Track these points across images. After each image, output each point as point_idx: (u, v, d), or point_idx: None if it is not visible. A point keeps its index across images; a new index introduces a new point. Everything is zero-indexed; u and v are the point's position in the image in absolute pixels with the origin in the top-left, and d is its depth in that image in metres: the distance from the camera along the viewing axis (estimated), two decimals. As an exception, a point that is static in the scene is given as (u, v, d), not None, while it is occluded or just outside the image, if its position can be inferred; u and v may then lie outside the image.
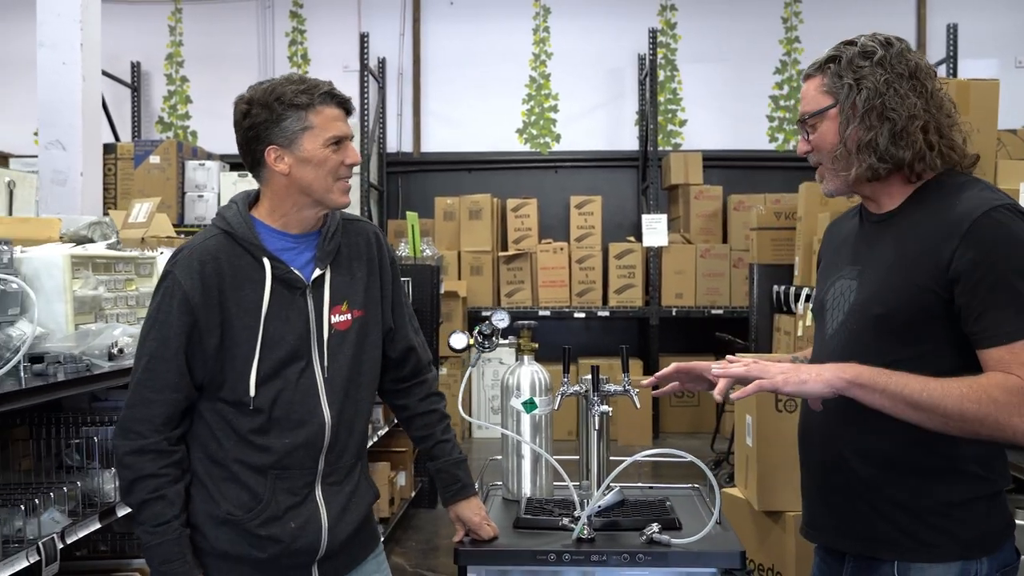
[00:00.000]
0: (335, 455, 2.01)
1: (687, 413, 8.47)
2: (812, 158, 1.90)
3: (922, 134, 1.77)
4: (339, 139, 1.96)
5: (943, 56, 8.36)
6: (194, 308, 1.90)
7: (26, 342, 2.08)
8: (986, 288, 1.65)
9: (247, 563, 1.95)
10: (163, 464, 1.90)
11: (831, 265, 1.98)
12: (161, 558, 1.88)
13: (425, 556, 5.31)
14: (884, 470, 1.78)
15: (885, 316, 1.75)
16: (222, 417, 1.94)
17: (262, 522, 1.93)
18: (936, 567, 1.73)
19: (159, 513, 1.88)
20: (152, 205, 3.98)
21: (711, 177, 8.81)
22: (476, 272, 8.67)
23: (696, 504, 2.54)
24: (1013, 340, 1.63)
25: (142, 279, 2.90)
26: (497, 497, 2.60)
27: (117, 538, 2.79)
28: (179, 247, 2.01)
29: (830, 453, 1.86)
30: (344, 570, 2.09)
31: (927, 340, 1.72)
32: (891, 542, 1.77)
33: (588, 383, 2.46)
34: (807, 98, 1.88)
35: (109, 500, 2.34)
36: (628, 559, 2.13)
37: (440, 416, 2.26)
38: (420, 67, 9.41)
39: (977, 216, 1.68)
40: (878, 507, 1.78)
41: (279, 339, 1.94)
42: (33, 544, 1.97)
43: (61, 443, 2.40)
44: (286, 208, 1.99)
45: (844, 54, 1.82)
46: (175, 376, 1.90)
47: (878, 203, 1.88)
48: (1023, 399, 1.59)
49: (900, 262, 1.76)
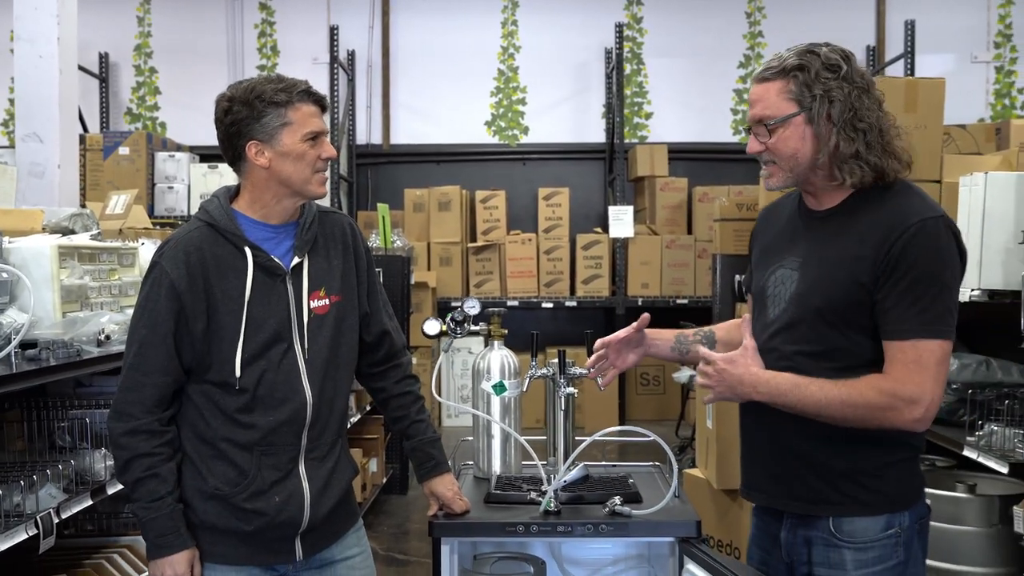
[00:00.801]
0: (317, 432, 2.14)
1: (652, 401, 8.65)
2: (765, 156, 2.01)
3: (888, 144, 1.93)
4: (316, 134, 2.08)
5: (901, 52, 8.58)
6: (181, 295, 2.01)
7: (23, 329, 2.18)
8: (901, 288, 1.86)
9: (234, 535, 2.07)
10: (156, 444, 2.01)
11: (770, 252, 2.13)
12: (157, 532, 2.00)
13: (396, 540, 5.44)
14: (821, 440, 1.97)
15: (823, 308, 1.94)
16: (209, 398, 2.06)
17: (248, 496, 2.05)
18: (866, 520, 1.95)
19: (153, 490, 2.00)
20: (129, 197, 4.06)
21: (676, 169, 8.96)
22: (445, 263, 8.78)
23: (657, 480, 2.69)
24: (906, 338, 1.86)
25: (124, 269, 3.00)
26: (469, 476, 2.72)
27: (103, 517, 2.89)
28: (165, 239, 2.13)
29: (772, 424, 2.04)
30: (325, 543, 2.21)
31: (856, 330, 1.92)
32: (827, 501, 1.97)
33: (555, 367, 2.60)
34: (766, 101, 1.97)
35: (100, 479, 2.45)
36: (592, 530, 2.27)
37: (415, 398, 2.38)
38: (389, 60, 9.49)
39: (913, 223, 1.87)
40: (816, 471, 1.98)
41: (261, 323, 2.06)
42: (31, 518, 2.08)
43: (53, 425, 2.51)
44: (266, 199, 2.11)
45: (811, 65, 1.93)
46: (165, 360, 2.01)
47: (819, 200, 2.03)
48: (894, 400, 1.85)
49: (840, 259, 1.94)
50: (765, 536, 2.16)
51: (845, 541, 1.96)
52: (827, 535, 1.97)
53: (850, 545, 1.95)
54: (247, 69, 9.46)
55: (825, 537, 1.98)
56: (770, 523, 2.12)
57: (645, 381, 8.75)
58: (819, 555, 1.98)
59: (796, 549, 2.04)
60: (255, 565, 2.11)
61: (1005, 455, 2.87)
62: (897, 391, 1.85)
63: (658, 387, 8.70)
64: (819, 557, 1.98)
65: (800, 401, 1.91)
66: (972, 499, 3.06)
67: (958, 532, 3.05)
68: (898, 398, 1.85)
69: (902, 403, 1.85)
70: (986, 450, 2.96)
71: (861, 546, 1.95)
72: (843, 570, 1.96)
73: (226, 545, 2.08)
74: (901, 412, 1.86)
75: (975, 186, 3.01)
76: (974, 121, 8.51)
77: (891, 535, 1.94)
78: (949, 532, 3.05)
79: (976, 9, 9.36)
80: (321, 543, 2.19)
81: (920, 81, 3.46)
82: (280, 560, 2.14)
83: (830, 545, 1.97)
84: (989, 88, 9.43)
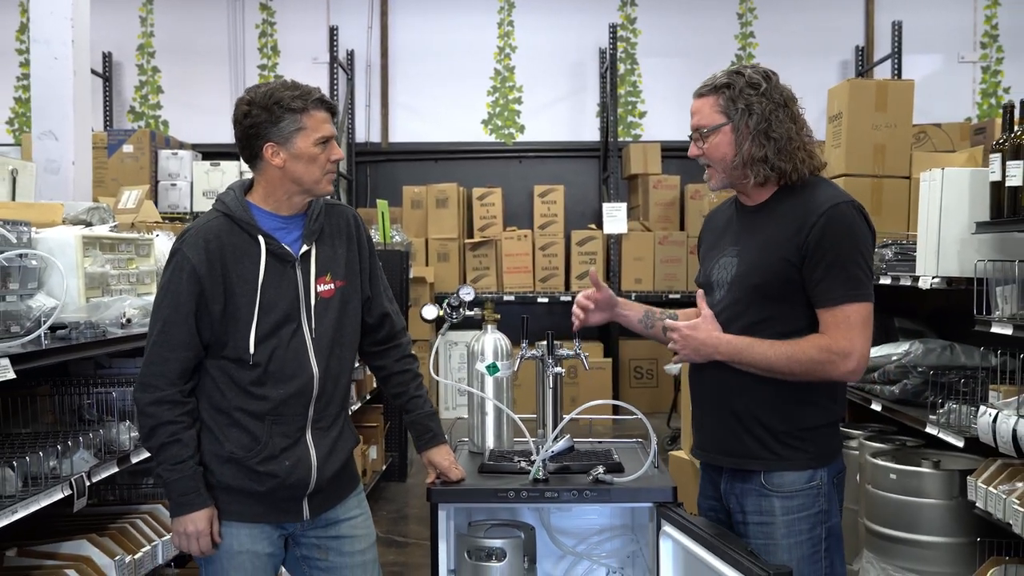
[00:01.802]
0: (323, 404, 2.35)
1: (646, 393, 8.84)
2: (702, 160, 2.36)
3: (797, 151, 2.27)
4: (327, 139, 2.30)
5: (889, 52, 8.77)
6: (201, 279, 2.22)
7: (55, 311, 2.38)
8: (825, 264, 2.18)
9: (249, 495, 2.29)
10: (178, 413, 2.23)
11: (714, 247, 2.45)
12: (179, 491, 2.23)
13: (395, 523, 5.64)
14: (758, 403, 2.28)
15: (760, 285, 2.27)
16: (225, 372, 2.27)
17: (260, 460, 2.26)
18: (791, 474, 2.27)
19: (176, 454, 2.22)
20: (141, 192, 4.25)
21: (669, 167, 9.13)
22: (443, 259, 8.96)
23: (639, 454, 2.89)
24: (836, 304, 2.18)
25: (141, 259, 3.19)
26: (464, 451, 2.93)
27: (124, 488, 3.10)
28: (184, 228, 2.34)
29: (716, 390, 2.35)
30: (329, 504, 2.42)
31: (788, 302, 2.25)
32: (759, 457, 2.29)
33: (544, 348, 2.80)
34: (702, 113, 2.33)
35: (125, 448, 2.66)
36: (577, 495, 2.48)
37: (413, 375, 2.59)
38: (388, 59, 9.67)
39: (826, 208, 2.20)
40: (751, 431, 2.29)
41: (273, 305, 2.27)
42: (66, 479, 2.28)
43: (80, 400, 2.71)
44: (279, 195, 2.32)
45: (736, 83, 2.28)
46: (186, 337, 2.23)
47: (750, 197, 2.37)
48: (831, 355, 2.17)
49: (770, 243, 2.27)
50: (710, 487, 2.46)
51: (774, 492, 2.27)
52: (759, 487, 2.29)
53: (778, 494, 2.26)
54: (248, 68, 9.64)
55: (757, 489, 2.29)
56: (713, 477, 2.43)
57: (639, 374, 8.95)
58: (752, 504, 2.30)
59: (734, 499, 2.35)
60: (267, 523, 2.33)
61: (962, 431, 3.07)
62: (832, 347, 2.17)
63: (651, 380, 8.90)
64: (752, 506, 2.30)
65: (753, 358, 2.22)
66: (935, 473, 3.27)
67: (922, 504, 3.25)
68: (833, 352, 2.16)
69: (837, 357, 2.17)
70: (945, 427, 3.16)
71: (788, 495, 2.26)
72: (772, 515, 2.27)
73: (241, 504, 2.29)
74: (837, 365, 2.17)
75: (934, 181, 3.22)
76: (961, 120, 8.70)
77: (812, 487, 2.26)
78: (913, 504, 3.26)
79: (963, 10, 9.54)
80: (326, 504, 2.41)
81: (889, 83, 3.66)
82: (289, 519, 2.36)
83: (762, 495, 2.28)
84: (976, 88, 9.61)
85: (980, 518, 3.03)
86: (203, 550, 2.25)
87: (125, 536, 2.71)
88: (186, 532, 2.24)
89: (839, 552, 2.32)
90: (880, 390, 3.73)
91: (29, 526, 2.62)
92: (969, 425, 3.07)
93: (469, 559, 2.56)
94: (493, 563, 2.54)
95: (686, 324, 2.31)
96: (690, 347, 2.30)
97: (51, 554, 2.56)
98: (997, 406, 2.90)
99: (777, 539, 2.26)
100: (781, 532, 2.26)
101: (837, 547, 2.31)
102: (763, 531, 2.28)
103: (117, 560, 2.57)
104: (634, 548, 2.89)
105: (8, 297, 2.49)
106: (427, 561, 2.54)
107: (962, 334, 3.59)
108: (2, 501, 2.13)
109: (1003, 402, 2.91)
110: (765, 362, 2.21)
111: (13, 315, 2.45)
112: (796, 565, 2.22)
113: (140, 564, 2.68)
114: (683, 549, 2.34)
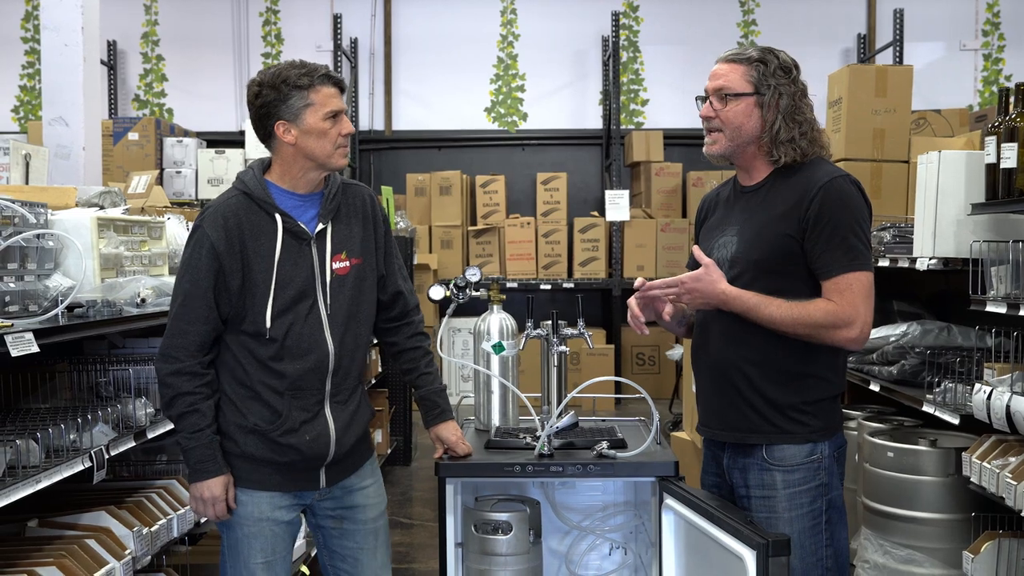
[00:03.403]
0: (340, 378, 2.42)
1: (648, 379, 8.89)
2: (714, 124, 2.39)
3: (818, 136, 2.37)
4: (335, 113, 2.36)
5: (890, 39, 8.80)
6: (220, 255, 2.30)
7: (73, 291, 2.45)
8: (825, 236, 2.25)
9: (269, 465, 2.37)
10: (197, 384, 2.31)
11: (713, 228, 2.50)
12: (197, 458, 2.31)
13: (401, 506, 5.72)
14: (761, 377, 2.33)
15: (761, 260, 2.33)
16: (245, 347, 2.34)
17: (282, 433, 2.35)
18: (793, 447, 2.33)
19: (195, 423, 2.30)
20: (150, 177, 4.31)
21: (671, 154, 9.17)
22: (446, 246, 9.02)
23: (641, 431, 2.96)
24: (838, 273, 2.25)
25: (154, 241, 3.26)
26: (471, 428, 3.00)
27: (139, 464, 3.18)
28: (205, 206, 2.41)
29: (720, 364, 2.39)
30: (345, 474, 2.51)
31: (790, 276, 2.31)
32: (761, 431, 2.34)
33: (548, 328, 2.86)
34: (729, 78, 2.36)
35: (141, 424, 2.73)
36: (581, 470, 2.55)
37: (424, 352, 2.66)
38: (391, 47, 9.71)
39: (824, 183, 2.29)
40: (754, 405, 2.34)
41: (289, 281, 2.34)
42: (86, 452, 2.36)
43: (96, 377, 2.79)
44: (294, 172, 2.38)
45: (770, 62, 2.35)
46: (206, 310, 2.30)
47: (750, 175, 2.44)
48: (836, 318, 2.24)
49: (770, 219, 2.33)
50: (713, 463, 2.52)
51: (776, 465, 2.32)
52: (761, 461, 2.34)
53: (780, 468, 2.32)
54: (252, 57, 9.68)
55: (759, 463, 2.35)
56: (716, 453, 2.49)
57: (641, 360, 9.02)
58: (754, 478, 2.36)
59: (736, 474, 2.40)
60: (284, 491, 2.40)
61: (957, 408, 3.14)
62: (837, 313, 2.23)
63: (653, 366, 8.97)
64: (754, 480, 2.36)
65: (760, 316, 2.27)
66: (931, 451, 3.33)
67: (919, 481, 3.32)
68: (838, 318, 2.23)
69: (841, 323, 2.23)
70: (941, 405, 3.23)
71: (789, 469, 2.31)
72: (774, 489, 2.33)
73: (262, 473, 2.37)
74: (840, 331, 2.24)
75: (930, 163, 3.27)
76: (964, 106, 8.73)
77: (813, 460, 2.32)
78: (911, 482, 3.33)
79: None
80: (342, 474, 2.49)
81: (889, 68, 3.71)
82: (307, 487, 2.44)
83: (764, 469, 2.34)
84: (977, 75, 9.63)
85: (975, 494, 3.09)
86: (218, 515, 2.34)
87: (142, 509, 2.78)
88: (202, 497, 2.32)
89: (842, 524, 2.37)
90: (878, 371, 3.80)
91: (49, 498, 2.70)
92: (965, 403, 3.13)
93: (476, 532, 2.63)
94: (499, 536, 2.61)
95: (688, 275, 2.34)
96: (697, 294, 2.32)
97: (71, 524, 2.63)
98: (992, 383, 2.96)
99: (779, 512, 2.31)
100: (783, 505, 2.31)
101: (839, 519, 2.36)
102: (765, 504, 2.33)
103: (135, 531, 2.64)
104: (637, 524, 2.96)
105: (26, 277, 2.55)
106: (433, 542, 2.62)
107: (959, 315, 3.65)
108: (27, 472, 2.20)
109: (997, 379, 2.98)
110: (769, 320, 2.27)
111: (31, 294, 2.51)
112: (797, 537, 2.28)
113: (156, 536, 2.75)
114: (684, 522, 2.41)
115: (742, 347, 2.34)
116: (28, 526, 2.62)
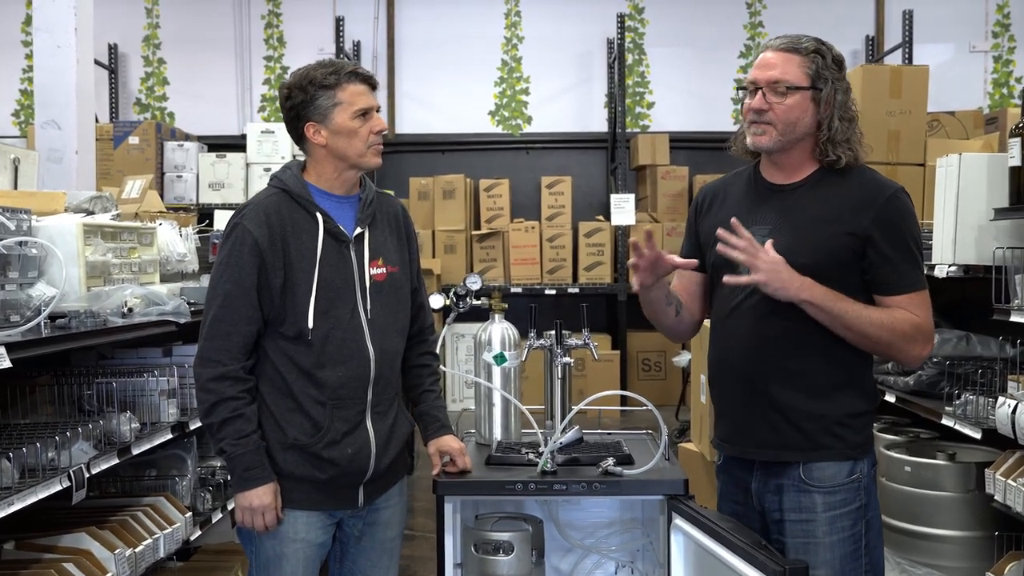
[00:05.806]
0: (381, 387, 2.35)
1: (655, 386, 8.78)
2: (766, 117, 2.19)
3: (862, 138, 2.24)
4: (365, 111, 2.29)
5: (899, 41, 8.68)
6: (263, 252, 2.22)
7: (53, 300, 2.34)
8: (903, 248, 2.11)
9: (310, 483, 2.28)
10: (240, 389, 2.22)
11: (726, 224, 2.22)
12: (244, 466, 2.22)
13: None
14: (796, 389, 2.15)
15: (809, 265, 2.12)
16: (285, 354, 2.26)
17: (324, 446, 2.26)
18: (832, 466, 2.15)
19: (240, 428, 2.21)
20: (144, 182, 4.21)
21: (677, 158, 9.06)
22: (450, 250, 8.92)
23: (648, 446, 2.84)
24: (911, 290, 2.14)
25: (144, 248, 3.15)
26: (471, 442, 2.88)
27: (126, 481, 3.07)
28: (243, 204, 2.33)
29: (750, 376, 2.21)
30: (383, 491, 2.43)
31: (839, 283, 2.12)
32: (797, 448, 2.15)
33: (552, 338, 2.75)
34: (786, 69, 2.17)
35: (126, 440, 2.62)
36: (586, 488, 2.43)
37: (431, 371, 2.59)
38: (394, 50, 9.62)
39: (889, 194, 2.15)
40: (789, 419, 2.16)
41: (330, 282, 2.27)
42: (64, 471, 2.25)
43: (80, 391, 2.68)
44: (328, 173, 2.32)
45: (827, 54, 2.20)
46: (249, 310, 2.22)
47: (786, 174, 2.25)
48: (918, 332, 2.12)
49: (820, 221, 2.16)
50: (736, 489, 2.33)
51: (815, 486, 2.14)
52: (798, 481, 2.15)
53: (820, 489, 2.13)
54: (254, 60, 9.59)
55: (795, 484, 2.15)
56: (740, 475, 2.30)
57: (647, 367, 8.90)
58: (790, 501, 2.16)
59: (769, 497, 2.21)
60: (324, 510, 2.33)
61: (979, 422, 3.01)
62: (922, 327, 2.13)
63: (659, 372, 8.85)
64: (790, 503, 2.16)
65: (840, 311, 2.08)
66: (951, 466, 3.21)
67: (938, 497, 3.20)
68: (922, 332, 2.13)
69: (923, 337, 2.13)
70: (962, 418, 3.10)
71: (830, 490, 2.13)
72: (814, 513, 2.14)
73: (302, 492, 2.29)
74: (918, 345, 2.13)
75: (950, 167, 3.15)
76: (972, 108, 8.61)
77: (854, 480, 2.15)
78: (930, 497, 3.21)
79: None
80: (379, 491, 2.42)
81: (904, 69, 3.60)
82: (345, 506, 2.36)
83: (801, 491, 2.15)
84: (987, 77, 9.52)
85: (997, 511, 2.97)
86: (268, 525, 2.25)
87: (126, 529, 2.67)
88: (251, 507, 2.22)
89: (879, 546, 2.22)
90: (894, 381, 3.67)
91: (28, 519, 2.59)
92: (987, 416, 3.01)
93: (476, 552, 2.51)
94: (500, 557, 2.50)
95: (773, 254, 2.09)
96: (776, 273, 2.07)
97: (50, 547, 2.53)
98: (1017, 396, 2.83)
99: (819, 536, 2.14)
100: (823, 529, 2.14)
101: (877, 541, 2.21)
102: (803, 529, 2.15)
103: (117, 553, 2.53)
104: (644, 542, 2.84)
105: (8, 286, 2.45)
106: (435, 555, 2.51)
107: (978, 324, 3.53)
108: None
109: (1023, 392, 2.86)
110: (847, 317, 2.09)
111: (12, 304, 2.42)
112: (839, 563, 2.12)
113: (141, 557, 2.65)
114: (694, 543, 2.28)
115: (775, 356, 2.17)
116: (4, 548, 2.51)
